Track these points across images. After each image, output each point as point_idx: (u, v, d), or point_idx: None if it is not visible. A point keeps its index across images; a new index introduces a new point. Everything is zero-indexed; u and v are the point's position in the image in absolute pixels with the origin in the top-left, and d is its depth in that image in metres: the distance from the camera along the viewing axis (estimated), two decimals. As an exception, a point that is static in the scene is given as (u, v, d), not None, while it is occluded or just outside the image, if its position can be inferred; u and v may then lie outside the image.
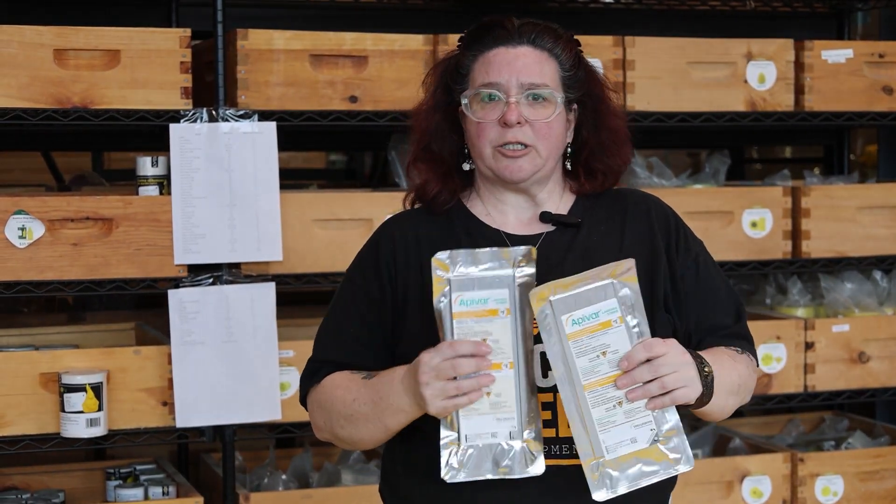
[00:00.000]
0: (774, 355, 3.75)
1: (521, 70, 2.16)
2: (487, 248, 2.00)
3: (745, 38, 3.79)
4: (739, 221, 3.77)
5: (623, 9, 4.25)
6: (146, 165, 3.31)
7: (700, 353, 2.10)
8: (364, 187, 4.57)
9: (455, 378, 1.95)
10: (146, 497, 3.37)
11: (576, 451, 2.00)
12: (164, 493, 3.37)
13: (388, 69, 3.46)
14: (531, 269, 1.99)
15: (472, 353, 1.95)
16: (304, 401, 2.25)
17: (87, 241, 3.23)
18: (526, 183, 2.19)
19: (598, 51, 3.58)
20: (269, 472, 3.69)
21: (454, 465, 1.96)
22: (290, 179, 4.65)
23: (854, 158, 5.52)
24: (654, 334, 2.09)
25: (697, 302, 2.22)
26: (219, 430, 3.37)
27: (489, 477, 1.97)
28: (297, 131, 3.61)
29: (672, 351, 1.98)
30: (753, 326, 3.86)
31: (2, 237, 3.16)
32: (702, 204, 3.74)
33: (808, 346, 3.79)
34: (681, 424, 1.97)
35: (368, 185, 5.07)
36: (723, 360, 2.15)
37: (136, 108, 3.26)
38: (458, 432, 1.96)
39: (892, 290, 4.08)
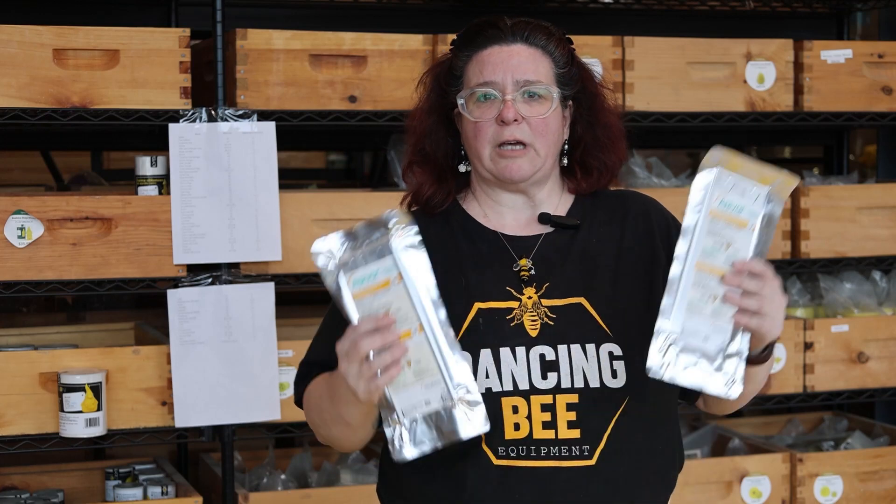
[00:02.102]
0: (774, 355, 3.74)
1: (515, 68, 2.16)
2: (360, 223, 1.98)
3: (744, 39, 3.79)
4: (739, 221, 3.77)
5: (622, 9, 4.25)
6: (145, 165, 3.31)
7: None
8: (363, 187, 4.57)
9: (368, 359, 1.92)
10: (145, 497, 3.37)
11: (575, 453, 1.99)
12: (163, 493, 3.37)
13: (388, 69, 3.46)
14: (412, 227, 1.97)
15: (374, 328, 1.92)
16: (299, 403, 2.25)
17: (87, 241, 3.23)
18: (525, 183, 2.19)
19: (597, 51, 3.58)
20: (268, 472, 3.69)
21: (401, 444, 1.94)
22: (290, 179, 4.66)
23: (853, 158, 5.51)
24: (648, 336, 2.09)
25: None
26: (218, 429, 3.37)
27: (439, 446, 1.95)
28: (296, 131, 3.61)
29: (778, 284, 1.99)
30: (753, 326, 3.85)
31: (1, 237, 3.16)
32: (701, 204, 3.73)
33: (808, 346, 3.79)
34: (745, 356, 1.97)
35: (368, 185, 5.07)
36: None
37: (136, 108, 3.26)
38: (395, 411, 1.93)
39: (892, 290, 4.08)
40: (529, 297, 2.14)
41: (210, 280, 3.31)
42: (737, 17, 4.34)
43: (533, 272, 2.16)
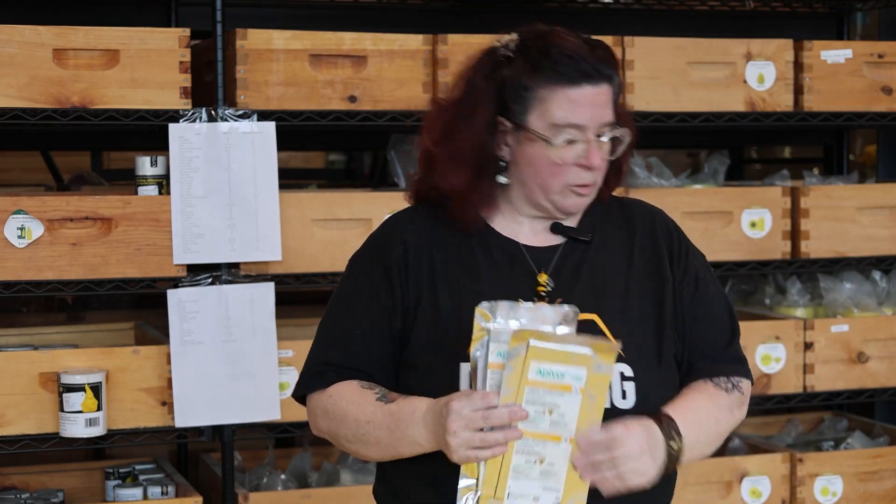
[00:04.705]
0: (773, 355, 3.75)
1: (601, 109, 2.10)
2: (529, 304, 1.98)
3: (744, 39, 3.79)
4: (739, 222, 3.77)
5: (623, 9, 4.25)
6: (145, 165, 3.31)
7: (677, 405, 2.10)
8: (363, 187, 4.56)
9: (482, 430, 1.93)
10: (145, 497, 3.37)
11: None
12: (163, 493, 3.37)
13: (388, 69, 3.46)
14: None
15: (509, 416, 1.92)
16: (301, 399, 2.22)
17: (87, 241, 3.23)
18: None
19: (597, 51, 3.58)
20: (268, 472, 3.69)
21: None
22: (290, 179, 4.66)
23: (853, 158, 5.51)
24: (661, 355, 2.10)
25: (693, 321, 2.20)
26: (218, 429, 3.37)
27: None
28: (296, 131, 3.61)
29: (632, 440, 1.97)
30: (753, 327, 3.88)
31: (1, 237, 3.16)
32: (701, 204, 3.74)
33: (808, 346, 3.79)
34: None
35: (368, 185, 5.07)
36: (700, 413, 2.13)
37: (136, 108, 3.26)
38: (478, 481, 1.95)
39: (892, 290, 4.08)
40: None
41: (210, 280, 3.31)
42: (737, 17, 4.34)
43: (551, 287, 2.14)
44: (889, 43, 3.99)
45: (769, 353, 3.73)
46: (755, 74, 3.76)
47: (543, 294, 2.13)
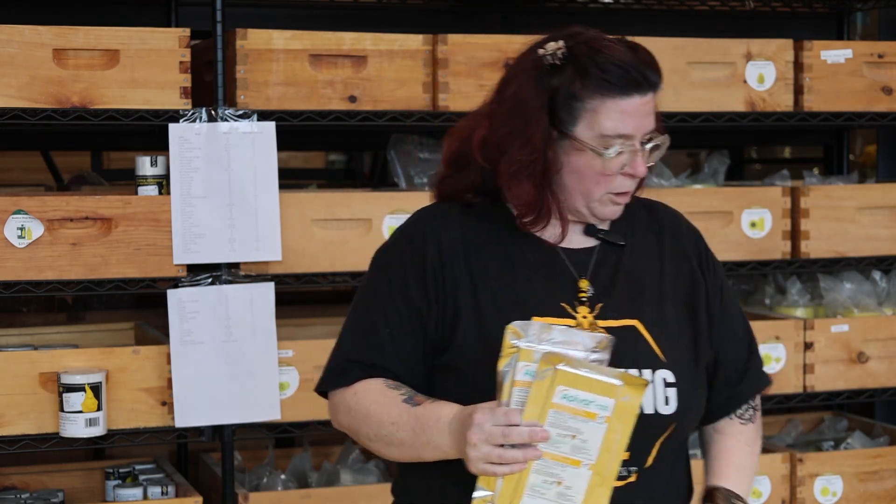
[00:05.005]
0: (774, 355, 3.75)
1: (646, 118, 2.10)
2: (562, 327, 1.96)
3: (744, 39, 3.79)
4: (738, 221, 3.77)
5: (623, 9, 4.25)
6: (145, 165, 3.31)
7: (723, 469, 2.22)
8: (363, 187, 4.56)
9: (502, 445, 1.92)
10: (145, 497, 3.37)
11: (622, 473, 2.01)
12: (163, 493, 3.37)
13: (388, 69, 3.46)
14: (605, 356, 1.96)
15: (531, 436, 1.91)
16: (323, 394, 2.20)
17: (87, 241, 3.23)
18: None
19: (597, 51, 3.58)
20: (268, 472, 3.69)
21: None
22: (290, 179, 4.66)
23: (853, 158, 5.52)
24: (697, 361, 2.13)
25: (717, 330, 2.22)
26: (218, 429, 3.37)
27: None
28: (296, 131, 3.61)
29: None
30: (753, 327, 3.86)
31: (1, 237, 3.16)
32: (701, 204, 3.74)
33: (808, 346, 3.79)
34: None
35: (368, 185, 5.07)
36: (744, 464, 2.24)
37: (136, 108, 3.26)
38: (495, 493, 1.94)
39: (892, 290, 4.08)
40: (584, 317, 2.11)
41: (210, 280, 3.31)
42: (737, 17, 4.34)
43: (591, 293, 2.13)
44: (889, 43, 3.99)
45: (769, 353, 3.73)
46: (755, 74, 3.76)
47: (584, 300, 2.12)
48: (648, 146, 2.11)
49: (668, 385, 2.10)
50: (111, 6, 3.78)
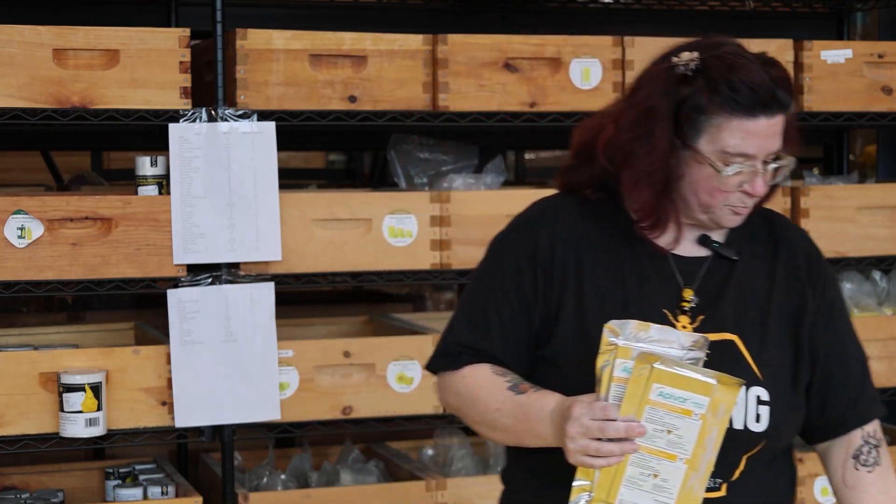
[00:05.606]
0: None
1: (772, 140, 2.08)
2: (659, 326, 1.98)
3: (744, 38, 3.76)
4: (739, 221, 3.77)
5: (623, 9, 4.25)
6: (145, 165, 3.31)
7: None
8: (363, 187, 4.57)
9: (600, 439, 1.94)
10: (145, 497, 3.37)
11: (709, 485, 2.00)
12: (163, 493, 3.37)
13: (388, 69, 3.46)
14: (701, 354, 1.98)
15: (628, 431, 1.93)
16: (434, 372, 2.24)
17: (87, 241, 3.23)
18: None
19: (597, 51, 3.58)
20: (268, 472, 3.69)
21: None
22: (290, 179, 4.66)
23: (853, 159, 5.51)
24: (796, 382, 2.13)
25: (826, 353, 2.21)
26: (218, 429, 3.37)
27: None
28: (296, 131, 3.61)
29: None
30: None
31: (1, 237, 3.16)
32: (701, 204, 3.73)
33: (808, 346, 3.78)
34: None
35: (368, 185, 5.07)
36: None
37: (136, 108, 3.26)
38: (593, 483, 1.97)
39: (892, 290, 4.08)
40: (684, 327, 2.12)
41: (210, 280, 3.31)
42: (737, 17, 4.33)
43: (695, 303, 2.14)
44: (889, 43, 3.99)
45: (769, 353, 3.73)
46: (755, 74, 3.76)
47: (686, 310, 2.13)
48: (771, 167, 2.10)
49: (760, 403, 2.10)
50: (111, 6, 3.78)
